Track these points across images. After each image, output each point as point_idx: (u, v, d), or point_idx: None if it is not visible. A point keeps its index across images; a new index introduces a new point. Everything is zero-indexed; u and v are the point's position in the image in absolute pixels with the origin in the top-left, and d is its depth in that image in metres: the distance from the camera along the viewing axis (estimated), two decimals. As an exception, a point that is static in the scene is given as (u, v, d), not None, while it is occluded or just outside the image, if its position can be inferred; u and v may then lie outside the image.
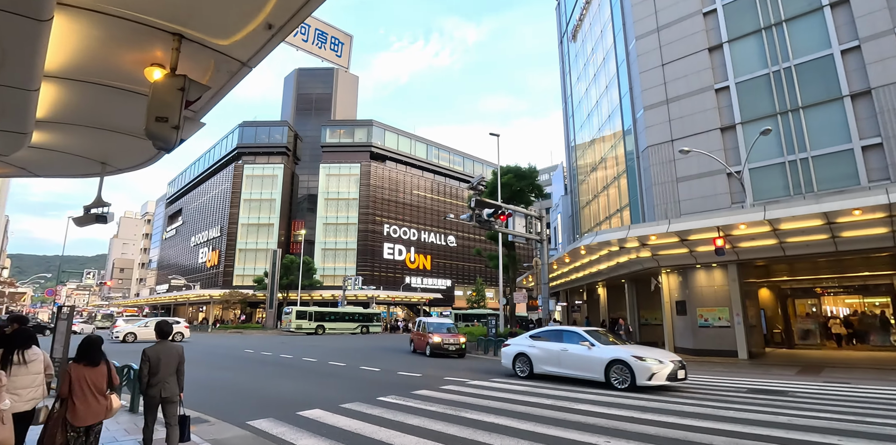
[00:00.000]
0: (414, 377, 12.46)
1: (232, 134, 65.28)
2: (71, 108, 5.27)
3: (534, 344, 12.21)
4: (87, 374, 4.05)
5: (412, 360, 17.74)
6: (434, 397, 9.25)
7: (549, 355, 11.73)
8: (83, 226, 6.94)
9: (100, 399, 4.07)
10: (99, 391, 4.09)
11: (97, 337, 4.33)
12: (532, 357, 12.09)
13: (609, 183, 26.87)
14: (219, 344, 26.61)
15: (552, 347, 11.77)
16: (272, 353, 19.79)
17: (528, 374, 12.10)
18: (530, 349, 12.21)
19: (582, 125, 31.83)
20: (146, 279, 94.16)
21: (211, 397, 9.35)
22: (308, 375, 12.84)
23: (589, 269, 24.70)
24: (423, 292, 62.60)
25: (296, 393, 9.75)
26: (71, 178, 7.72)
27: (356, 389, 10.32)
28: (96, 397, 4.05)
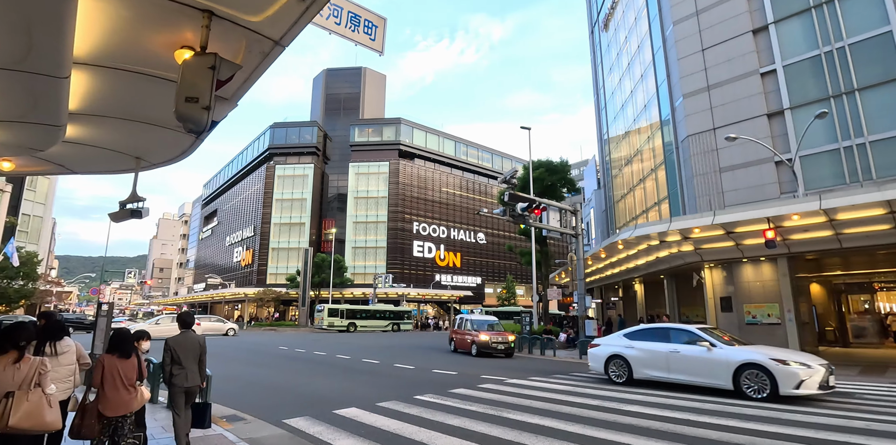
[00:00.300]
0: (449, 375, 12.16)
1: (263, 135, 66.38)
2: (102, 99, 5.14)
3: (632, 345, 10.61)
4: (119, 365, 4.17)
5: (446, 358, 17.46)
6: (473, 396, 8.93)
7: (654, 357, 10.11)
8: (119, 222, 6.89)
9: (130, 390, 4.19)
10: (129, 382, 4.20)
11: (128, 331, 4.52)
12: (631, 359, 10.49)
13: (645, 175, 25.97)
14: (254, 340, 26.96)
15: (657, 348, 10.13)
16: (306, 350, 19.84)
17: (627, 379, 10.48)
18: (628, 350, 10.62)
19: (615, 117, 30.91)
20: (184, 278, 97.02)
21: (247, 394, 9.27)
22: (343, 372, 12.70)
23: (626, 265, 23.91)
24: (452, 290, 62.39)
25: (331, 391, 9.58)
26: (107, 175, 7.70)
27: (392, 387, 10.09)
28: (127, 388, 4.17)
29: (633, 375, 10.42)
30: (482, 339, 17.87)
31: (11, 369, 3.42)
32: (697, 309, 23.28)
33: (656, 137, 24.15)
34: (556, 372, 12.74)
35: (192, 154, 6.80)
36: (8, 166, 7.39)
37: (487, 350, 17.75)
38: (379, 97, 71.61)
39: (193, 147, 6.53)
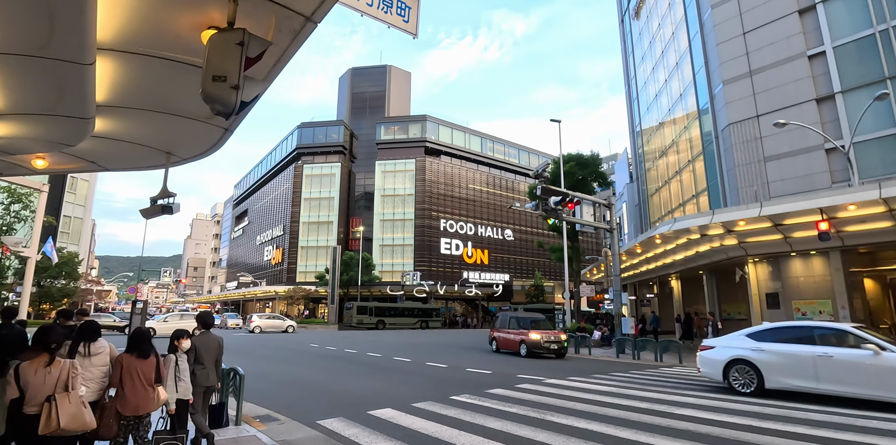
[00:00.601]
0: (484, 374, 11.80)
1: (291, 135, 67.12)
2: (129, 88, 4.96)
3: (761, 347, 8.88)
4: (138, 365, 4.15)
5: (479, 357, 17.10)
6: (511, 397, 8.55)
7: (796, 363, 8.37)
8: (150, 218, 6.77)
9: (148, 390, 4.17)
10: (148, 382, 4.18)
11: (146, 330, 4.50)
12: (761, 365, 8.75)
13: (682, 167, 25.01)
14: (285, 338, 27.15)
15: (800, 351, 8.39)
16: (336, 348, 19.78)
17: (757, 389, 8.75)
18: (756, 354, 8.88)
19: (648, 108, 29.90)
20: (217, 277, 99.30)
21: (280, 393, 9.11)
22: (375, 371, 12.49)
23: (662, 260, 23.10)
24: (480, 287, 61.95)
25: (365, 391, 9.35)
26: (138, 171, 7.61)
27: (426, 387, 9.79)
28: (145, 388, 4.15)
29: (764, 384, 8.68)
30: (533, 338, 16.33)
31: (43, 372, 3.45)
32: (739, 305, 22.31)
33: (693, 127, 23.18)
34: (594, 372, 12.24)
35: (220, 147, 6.62)
36: (42, 164, 7.36)
37: (539, 350, 16.27)
38: (404, 95, 71.54)
39: (222, 140, 6.34)
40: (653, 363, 14.98)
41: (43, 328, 3.71)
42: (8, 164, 7.69)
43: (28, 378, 3.43)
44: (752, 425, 6.49)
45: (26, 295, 10.02)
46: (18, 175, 8.42)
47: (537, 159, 75.28)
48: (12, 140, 5.71)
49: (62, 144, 5.91)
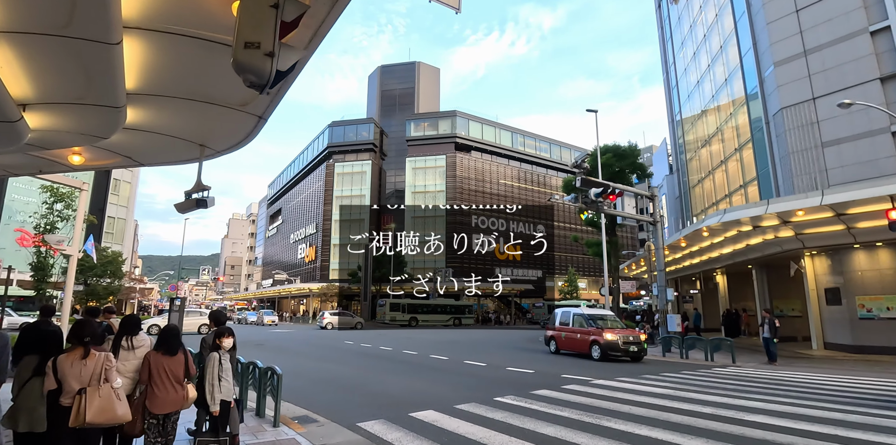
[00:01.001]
0: (526, 373, 11.32)
1: (322, 134, 67.74)
2: (159, 74, 4.70)
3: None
4: (166, 362, 4.11)
5: (519, 355, 16.62)
6: (560, 399, 8.05)
7: None
8: (185, 212, 6.57)
9: (177, 388, 4.13)
10: (177, 379, 4.14)
11: (175, 327, 4.49)
12: None
13: (727, 156, 23.78)
14: (320, 334, 27.27)
15: None
16: (371, 345, 19.61)
17: None
18: None
19: (689, 95, 28.62)
20: (253, 275, 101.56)
21: (317, 392, 8.87)
22: (412, 369, 12.17)
23: (708, 254, 22.03)
24: (513, 283, 61.20)
25: (404, 390, 9.01)
26: (173, 164, 7.44)
27: (468, 387, 9.39)
28: (174, 385, 4.11)
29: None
30: (609, 339, 14.21)
31: (79, 365, 3.48)
32: (793, 301, 21.11)
33: (741, 113, 21.95)
34: (644, 372, 11.59)
35: (254, 138, 6.35)
36: (78, 160, 7.27)
37: (616, 352, 14.17)
38: (433, 91, 71.21)
39: (256, 129, 6.07)
40: (703, 362, 14.17)
41: (78, 322, 3.75)
42: (46, 161, 7.65)
43: (65, 370, 3.46)
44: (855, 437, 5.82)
45: (69, 293, 10.08)
46: (58, 172, 8.41)
47: (569, 153, 73.85)
48: (46, 133, 5.56)
49: (95, 136, 5.73)
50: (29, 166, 8.11)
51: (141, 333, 4.39)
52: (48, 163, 7.75)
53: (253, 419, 6.60)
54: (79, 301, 38.23)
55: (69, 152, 7.08)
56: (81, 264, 37.07)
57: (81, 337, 3.57)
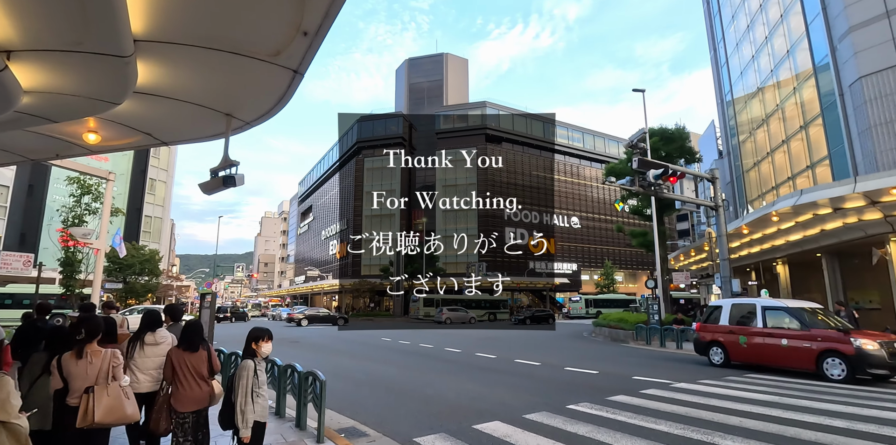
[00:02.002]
0: (590, 374, 10.14)
1: (351, 130, 67.37)
2: (172, 12, 3.74)
3: None
4: (188, 359, 3.96)
5: (570, 352, 15.44)
6: (646, 407, 6.88)
7: None
8: (212, 192, 5.69)
9: (201, 385, 3.97)
10: (199, 376, 3.98)
11: (198, 323, 4.25)
12: None
13: (790, 136, 21.84)
14: (354, 331, 26.60)
15: None
16: (410, 342, 18.71)
17: None
18: None
19: (742, 72, 26.57)
20: (286, 271, 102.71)
21: (363, 397, 7.93)
22: (461, 369, 11.15)
23: (771, 242, 20.30)
24: (548, 277, 59.73)
25: (459, 395, 7.98)
26: (198, 141, 6.58)
27: (529, 390, 8.29)
28: (197, 382, 3.96)
29: None
30: (869, 348, 8.99)
31: (84, 362, 3.37)
32: (869, 292, 19.21)
33: (806, 87, 20.02)
34: (724, 374, 10.24)
35: (287, 102, 5.37)
36: (94, 138, 6.48)
37: (880, 370, 8.93)
38: (462, 83, 69.95)
39: (291, 89, 5.09)
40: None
41: (80, 318, 3.61)
42: (62, 143, 6.89)
43: (70, 369, 3.34)
44: None
45: (97, 289, 9.40)
46: (76, 155, 7.67)
47: (603, 142, 71.57)
48: (45, 97, 4.72)
49: (104, 101, 4.85)
50: (44, 150, 7.40)
51: (161, 329, 4.27)
52: (64, 144, 6.99)
53: (292, 431, 5.69)
54: (118, 299, 38.84)
55: (83, 129, 6.29)
56: (120, 262, 37.64)
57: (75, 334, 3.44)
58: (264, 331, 3.78)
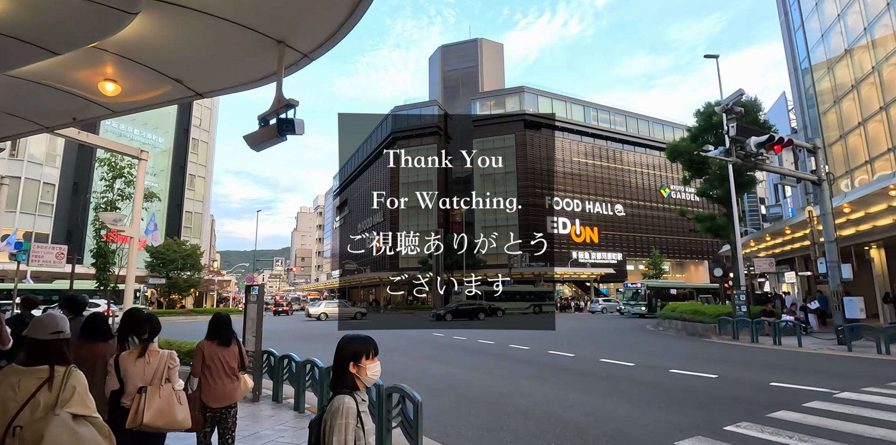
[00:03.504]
0: (709, 379, 8.37)
1: (385, 121, 66.22)
2: None
3: None
4: (220, 353, 3.83)
5: (652, 348, 13.65)
6: (824, 428, 5.12)
7: None
8: (261, 146, 4.22)
9: (233, 380, 3.87)
10: (231, 371, 3.86)
11: (227, 315, 4.13)
12: None
13: (889, 102, 19.14)
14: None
15: None
16: (466, 338, 17.22)
17: None
18: None
19: (824, 35, 23.71)
20: (323, 266, 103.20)
21: (445, 409, 6.43)
22: (545, 371, 9.54)
23: (872, 223, 17.84)
24: (592, 267, 57.35)
25: (568, 408, 6.38)
26: (243, 89, 5.14)
27: (656, 403, 6.61)
28: (230, 376, 3.84)
29: None
30: None
31: (141, 362, 3.21)
32: None
33: (915, 43, 17.33)
34: (888, 379, 8.28)
35: (357, 21, 3.83)
36: (112, 88, 5.10)
37: None
38: (497, 68, 67.70)
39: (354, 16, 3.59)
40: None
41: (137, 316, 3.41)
42: (77, 100, 5.58)
43: (128, 368, 3.19)
44: None
45: (130, 281, 8.20)
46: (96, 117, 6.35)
47: (647, 126, 68.20)
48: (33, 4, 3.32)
49: (114, 8, 3.41)
50: (59, 112, 6.11)
51: None
52: (79, 103, 5.66)
53: (380, 468, 4.21)
54: (161, 294, 38.92)
55: (98, 76, 4.93)
56: (162, 257, 37.64)
57: (140, 333, 3.26)
58: (365, 343, 2.21)
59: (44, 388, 2.14)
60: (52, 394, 2.13)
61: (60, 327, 2.39)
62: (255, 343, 7.17)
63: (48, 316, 2.45)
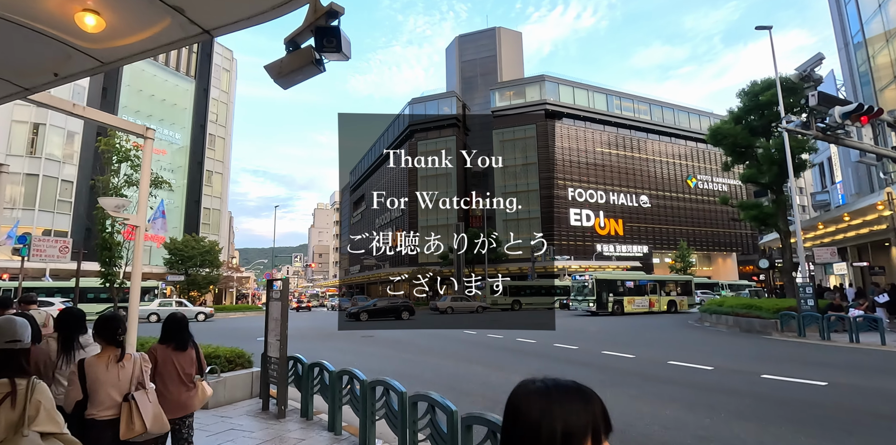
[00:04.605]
0: (817, 387, 6.99)
1: (403, 113, 65.06)
2: None
3: None
4: (175, 358, 3.52)
5: (713, 348, 12.26)
6: None
7: None
8: (289, 81, 3.00)
9: (189, 388, 3.56)
10: (188, 378, 3.55)
11: (182, 316, 3.79)
12: None
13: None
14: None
15: None
16: (503, 336, 15.96)
17: None
18: None
19: (882, 4, 21.80)
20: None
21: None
22: (620, 379, 8.25)
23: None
24: (617, 260, 55.56)
25: (676, 428, 5.08)
26: (260, 21, 3.93)
27: (776, 420, 5.29)
28: (186, 384, 3.54)
29: None
30: None
31: (115, 368, 2.91)
32: None
33: None
34: None
35: None
36: (94, 23, 3.91)
37: None
38: (516, 58, 65.93)
39: None
40: None
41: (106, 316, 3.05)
42: (53, 44, 4.43)
43: (98, 376, 2.83)
44: None
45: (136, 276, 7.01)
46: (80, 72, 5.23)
47: (672, 114, 65.88)
48: None
49: None
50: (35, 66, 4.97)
51: (88, 333, 3.37)
52: (58, 50, 4.52)
53: None
54: (181, 291, 38.40)
55: (74, 5, 3.77)
56: (181, 254, 37.09)
57: (114, 336, 2.93)
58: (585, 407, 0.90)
59: (5, 405, 1.96)
60: (15, 412, 1.97)
61: (19, 334, 2.18)
62: (279, 347, 6.01)
63: (6, 321, 2.23)
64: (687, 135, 65.42)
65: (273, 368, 6.12)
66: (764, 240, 33.25)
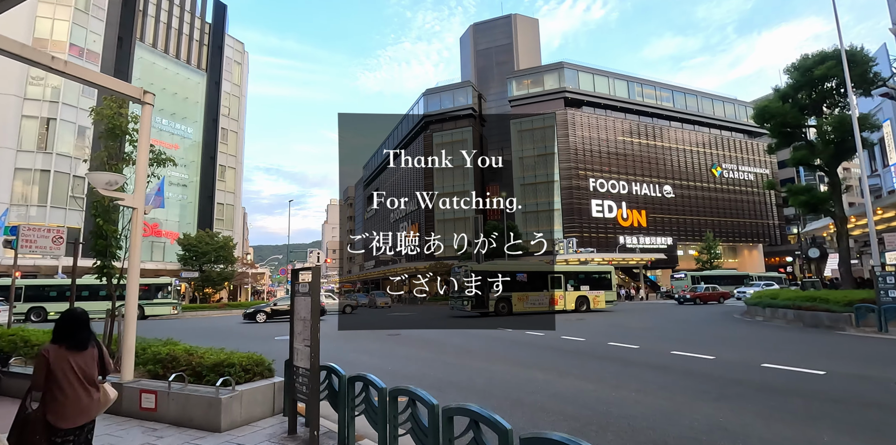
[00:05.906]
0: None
1: (417, 105, 63.60)
2: None
3: None
4: (72, 360, 3.08)
5: (797, 347, 10.72)
6: None
7: None
8: None
9: (91, 392, 3.14)
10: (89, 381, 3.15)
11: (81, 312, 3.28)
12: None
13: None
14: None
15: None
16: (543, 334, 14.54)
17: None
18: None
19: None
20: (355, 257, 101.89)
21: None
22: (717, 388, 6.80)
23: None
24: (641, 252, 53.68)
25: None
26: None
27: None
28: (87, 389, 3.12)
29: None
30: None
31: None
32: None
33: None
34: None
35: None
36: None
37: None
38: (533, 45, 64.04)
39: None
40: None
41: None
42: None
43: None
44: None
45: (134, 268, 5.73)
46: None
47: (695, 100, 63.61)
48: None
49: None
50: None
51: None
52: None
53: None
54: (195, 287, 37.55)
55: None
56: (195, 249, 36.22)
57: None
58: None
59: None
60: None
61: None
62: (309, 355, 4.65)
63: None
64: (711, 122, 63.11)
65: (301, 382, 4.78)
66: (809, 228, 31.28)
